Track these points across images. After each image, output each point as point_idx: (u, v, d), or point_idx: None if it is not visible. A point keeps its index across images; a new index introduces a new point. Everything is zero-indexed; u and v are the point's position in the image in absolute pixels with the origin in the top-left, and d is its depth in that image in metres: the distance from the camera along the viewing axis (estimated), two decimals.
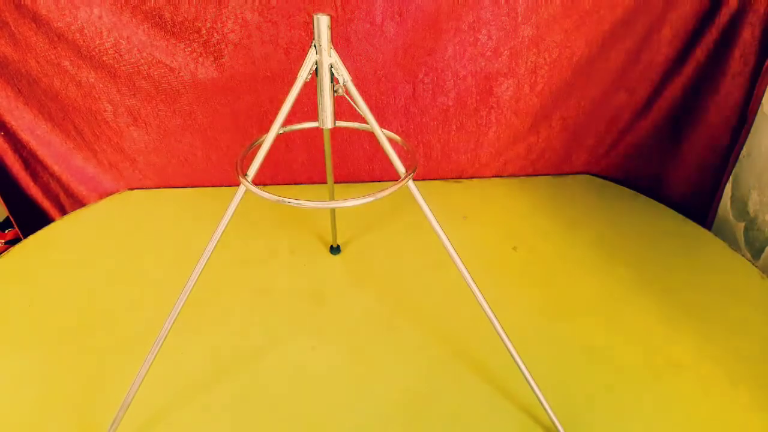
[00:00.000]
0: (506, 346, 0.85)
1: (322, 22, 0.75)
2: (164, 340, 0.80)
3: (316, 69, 0.79)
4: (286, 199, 0.73)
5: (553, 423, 0.87)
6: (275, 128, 0.78)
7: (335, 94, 0.81)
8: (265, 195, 0.74)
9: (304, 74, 0.78)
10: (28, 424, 0.90)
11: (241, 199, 0.77)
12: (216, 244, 0.78)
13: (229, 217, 0.78)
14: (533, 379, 0.86)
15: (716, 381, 0.99)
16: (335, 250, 1.32)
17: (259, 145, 0.78)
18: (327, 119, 0.84)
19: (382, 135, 0.81)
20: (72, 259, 1.30)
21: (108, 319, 1.12)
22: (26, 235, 1.45)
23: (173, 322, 0.79)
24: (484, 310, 0.84)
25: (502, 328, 0.84)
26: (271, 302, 1.17)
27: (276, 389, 0.96)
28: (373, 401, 0.94)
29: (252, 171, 0.78)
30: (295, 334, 1.08)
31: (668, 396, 0.96)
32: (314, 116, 0.86)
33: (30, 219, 1.51)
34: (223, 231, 0.78)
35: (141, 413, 0.90)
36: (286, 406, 0.93)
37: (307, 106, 1.40)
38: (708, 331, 1.10)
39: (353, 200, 0.74)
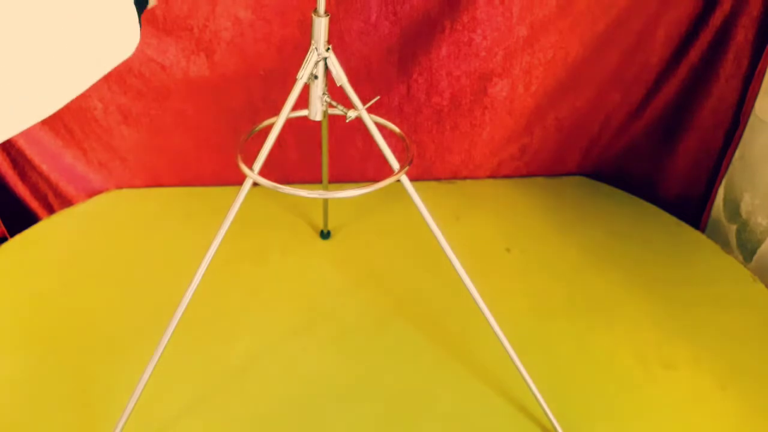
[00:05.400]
0: (504, 347, 0.84)
1: (322, 24, 0.75)
2: (166, 343, 0.79)
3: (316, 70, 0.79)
4: (282, 187, 0.77)
5: (552, 423, 0.86)
6: (281, 119, 0.78)
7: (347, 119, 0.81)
8: (268, 184, 0.77)
9: (304, 77, 0.79)
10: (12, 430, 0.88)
11: (238, 198, 0.77)
12: (213, 244, 0.78)
13: (234, 214, 0.79)
14: (532, 380, 0.85)
15: (708, 383, 1.00)
16: (325, 235, 1.34)
17: (258, 133, 0.79)
18: (317, 113, 0.85)
19: (375, 128, 0.81)
20: (58, 259, 1.28)
21: (95, 320, 1.10)
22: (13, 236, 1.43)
23: (175, 327, 0.79)
24: (481, 310, 0.83)
25: (500, 328, 0.84)
26: (262, 304, 1.15)
27: (267, 392, 0.95)
28: (368, 403, 0.93)
29: (258, 164, 0.78)
30: (286, 336, 1.07)
31: (661, 398, 0.96)
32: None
33: (18, 219, 1.49)
34: (217, 231, 0.78)
35: (130, 422, 0.88)
36: (277, 409, 0.92)
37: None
38: (700, 333, 1.10)
39: (349, 191, 0.75)
